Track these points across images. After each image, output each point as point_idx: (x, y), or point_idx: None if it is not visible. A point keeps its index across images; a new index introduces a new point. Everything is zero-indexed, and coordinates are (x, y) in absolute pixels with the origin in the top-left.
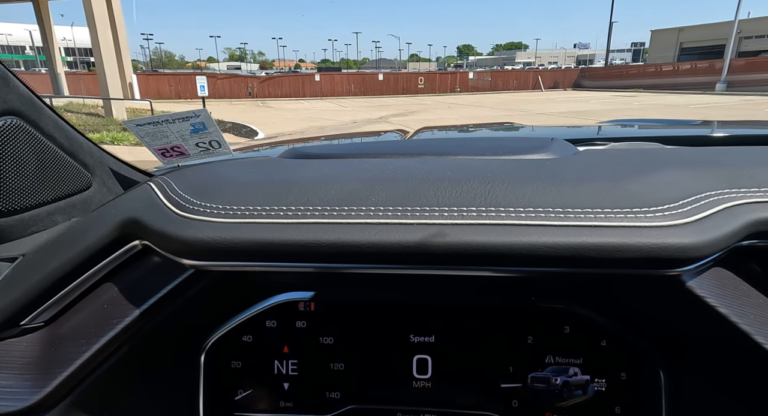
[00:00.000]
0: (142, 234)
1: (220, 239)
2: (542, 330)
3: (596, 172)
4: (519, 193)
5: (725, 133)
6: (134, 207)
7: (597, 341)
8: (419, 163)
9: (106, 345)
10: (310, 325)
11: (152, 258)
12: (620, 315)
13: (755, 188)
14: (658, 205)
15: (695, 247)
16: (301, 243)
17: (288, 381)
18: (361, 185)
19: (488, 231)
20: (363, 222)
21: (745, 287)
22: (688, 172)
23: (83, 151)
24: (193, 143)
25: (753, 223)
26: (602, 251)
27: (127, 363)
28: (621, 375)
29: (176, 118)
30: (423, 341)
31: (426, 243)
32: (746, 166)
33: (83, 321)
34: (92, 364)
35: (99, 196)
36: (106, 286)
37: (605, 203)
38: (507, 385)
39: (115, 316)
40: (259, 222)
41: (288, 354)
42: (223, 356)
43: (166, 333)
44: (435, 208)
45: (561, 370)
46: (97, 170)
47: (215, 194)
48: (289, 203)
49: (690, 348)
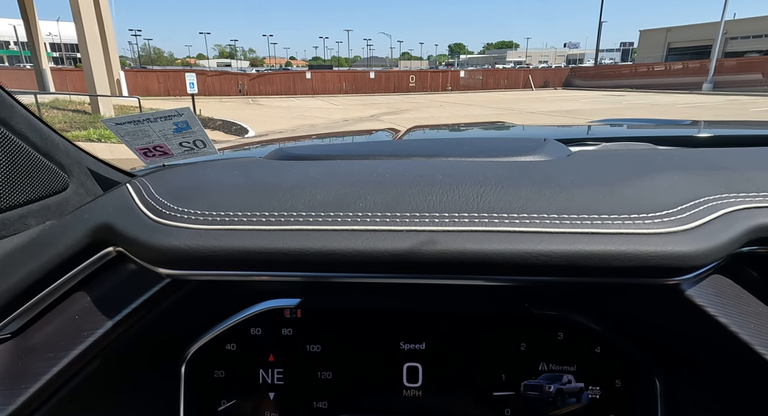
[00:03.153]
0: (116, 241)
1: (198, 247)
2: (535, 337)
3: (591, 175)
4: (513, 198)
5: (715, 133)
6: (108, 211)
7: (591, 348)
8: (409, 166)
9: (77, 358)
10: (297, 333)
11: (127, 266)
12: (616, 322)
13: (754, 193)
14: (656, 211)
15: (695, 255)
16: (284, 252)
17: (273, 391)
18: (348, 189)
19: (481, 238)
20: (350, 229)
21: (744, 295)
22: (684, 175)
23: (59, 150)
24: (176, 142)
25: (753, 230)
26: (599, 259)
27: (102, 375)
28: (616, 383)
29: (158, 117)
30: (413, 348)
31: (416, 252)
32: (742, 169)
33: (53, 333)
34: (62, 379)
35: (76, 197)
36: (77, 295)
37: (602, 208)
38: (499, 393)
39: (86, 328)
40: (240, 228)
41: (273, 362)
42: (206, 365)
43: (142, 343)
44: (425, 213)
45: (554, 378)
46: (75, 171)
47: (195, 198)
48: (272, 208)
49: (688, 357)
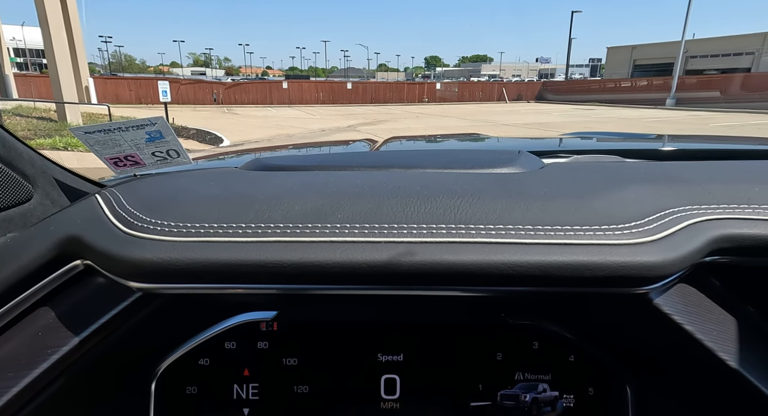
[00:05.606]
0: (84, 254)
1: (171, 260)
2: (511, 347)
3: (563, 187)
4: (489, 210)
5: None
6: (76, 222)
7: (565, 356)
8: (387, 177)
9: (40, 377)
10: (273, 346)
11: (95, 280)
12: (588, 331)
13: (714, 205)
14: (625, 222)
15: (662, 265)
16: (261, 264)
17: (248, 406)
18: (326, 200)
19: (458, 249)
20: (328, 241)
21: (708, 303)
22: (650, 188)
23: (22, 160)
24: (148, 152)
25: (714, 240)
26: (572, 270)
27: (66, 394)
28: (589, 391)
29: (130, 126)
30: (391, 360)
31: (394, 263)
32: (704, 182)
33: (14, 351)
34: (23, 399)
35: (41, 208)
36: (41, 311)
37: (573, 220)
38: (477, 404)
39: (50, 345)
40: (216, 240)
41: (248, 377)
42: (178, 381)
43: (110, 360)
44: (404, 225)
45: (530, 387)
46: (39, 180)
47: (168, 209)
48: (249, 220)
49: (656, 364)
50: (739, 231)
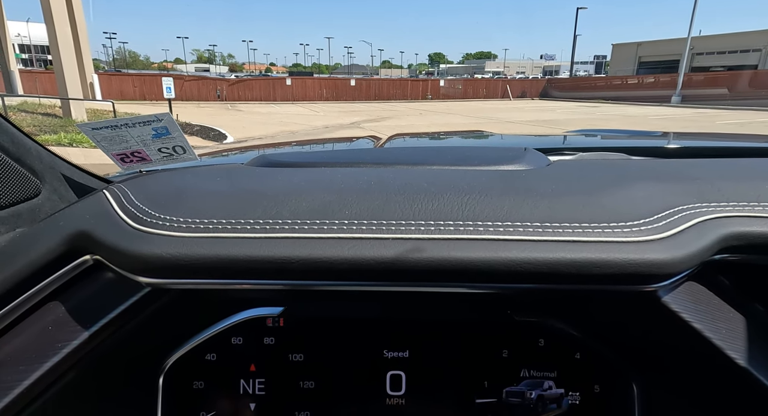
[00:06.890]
0: (93, 249)
1: (180, 255)
2: (517, 344)
3: (571, 185)
4: (496, 206)
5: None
6: (85, 218)
7: (571, 353)
8: (393, 174)
9: (50, 371)
10: (279, 342)
11: (104, 275)
12: (595, 328)
13: (724, 202)
14: (633, 220)
15: (671, 263)
16: (269, 260)
17: (254, 401)
18: (333, 197)
19: (467, 246)
20: (336, 237)
21: (716, 301)
22: (658, 185)
23: (31, 155)
24: (155, 148)
25: (724, 238)
26: (580, 267)
27: (76, 388)
28: (595, 388)
29: (137, 122)
30: (397, 356)
31: (402, 259)
32: (713, 180)
33: (24, 345)
34: (33, 392)
35: (49, 204)
36: (51, 305)
37: (582, 217)
38: (482, 401)
39: (60, 339)
40: (224, 236)
41: (255, 372)
42: (185, 376)
43: (119, 355)
44: (411, 221)
45: (536, 384)
46: (47, 176)
47: (176, 205)
48: (257, 216)
49: (663, 362)
50: (749, 229)
